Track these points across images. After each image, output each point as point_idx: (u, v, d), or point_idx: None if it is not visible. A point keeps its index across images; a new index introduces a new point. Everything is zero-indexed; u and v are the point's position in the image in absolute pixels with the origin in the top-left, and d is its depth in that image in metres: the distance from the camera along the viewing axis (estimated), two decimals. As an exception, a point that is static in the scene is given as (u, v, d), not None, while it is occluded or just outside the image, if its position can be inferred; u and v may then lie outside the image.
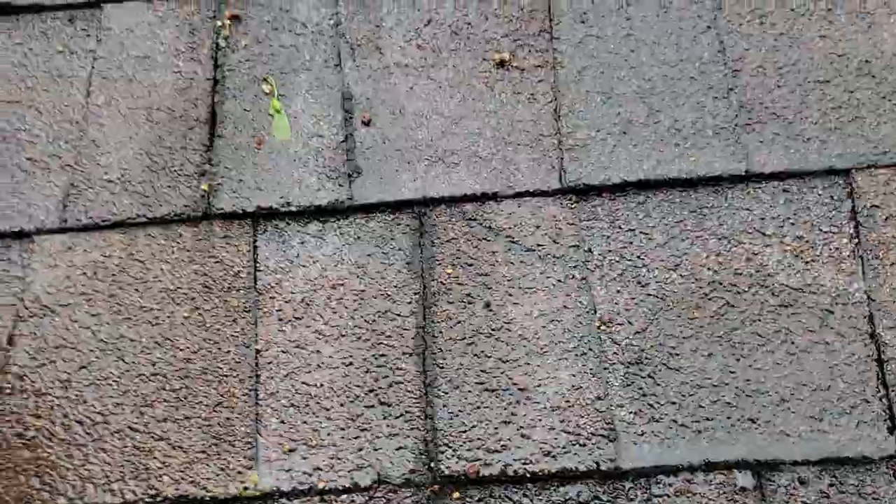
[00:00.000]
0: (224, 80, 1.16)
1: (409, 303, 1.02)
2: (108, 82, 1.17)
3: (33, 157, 1.14)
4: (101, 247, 1.08)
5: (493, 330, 0.99)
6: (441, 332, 1.00)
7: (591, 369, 0.96)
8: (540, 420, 0.94)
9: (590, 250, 1.02)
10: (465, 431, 0.95)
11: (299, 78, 1.15)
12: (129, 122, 1.14)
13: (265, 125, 1.12)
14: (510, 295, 1.01)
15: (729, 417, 0.92)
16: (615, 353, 0.97)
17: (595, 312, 0.99)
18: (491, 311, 1.00)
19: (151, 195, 1.09)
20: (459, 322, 1.00)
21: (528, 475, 0.92)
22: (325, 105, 1.13)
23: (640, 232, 1.02)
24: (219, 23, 1.19)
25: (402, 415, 0.96)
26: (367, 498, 0.93)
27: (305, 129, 1.11)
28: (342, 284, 1.04)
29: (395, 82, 1.14)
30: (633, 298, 0.99)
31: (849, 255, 0.98)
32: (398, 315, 1.01)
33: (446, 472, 0.93)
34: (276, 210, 1.07)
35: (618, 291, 0.99)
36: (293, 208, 1.07)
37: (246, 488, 0.94)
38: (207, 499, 0.94)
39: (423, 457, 0.94)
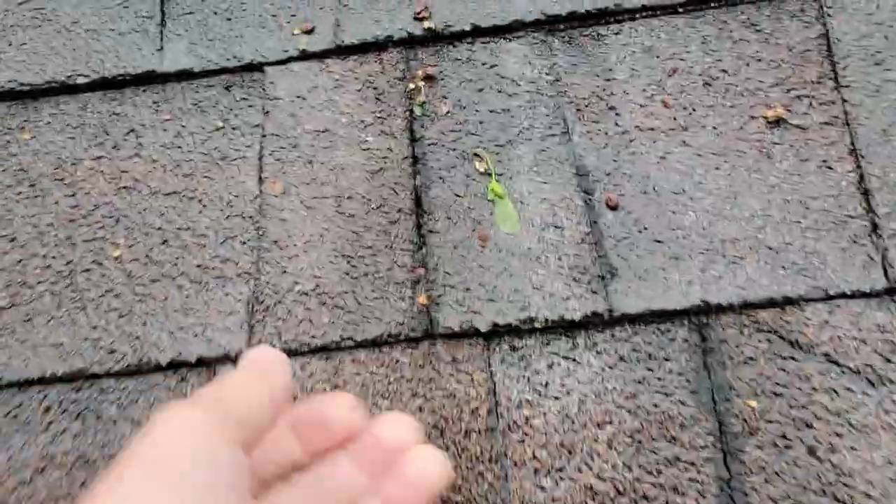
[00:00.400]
0: (426, 158, 0.95)
1: (705, 446, 0.80)
2: (284, 165, 0.97)
3: (203, 263, 0.94)
4: (300, 378, 0.88)
5: (824, 485, 0.77)
6: (754, 490, 0.77)
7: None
8: None
9: (933, 369, 0.78)
10: None
11: (518, 151, 0.93)
12: (316, 216, 0.94)
13: (486, 215, 0.91)
14: (839, 436, 0.78)
15: None
16: None
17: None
18: (817, 458, 0.78)
19: (356, 310, 0.89)
20: (777, 475, 0.77)
21: None
22: (558, 185, 0.91)
23: None
24: (411, 85, 0.98)
25: None
26: None
27: (537, 217, 0.90)
28: (609, 422, 0.82)
29: (639, 151, 0.91)
30: None
31: None
32: (691, 464, 0.79)
33: None
34: (515, 327, 0.86)
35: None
36: (537, 324, 0.86)
37: None
38: None
39: None
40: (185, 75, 1.03)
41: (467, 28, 0.99)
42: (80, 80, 1.04)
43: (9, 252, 0.97)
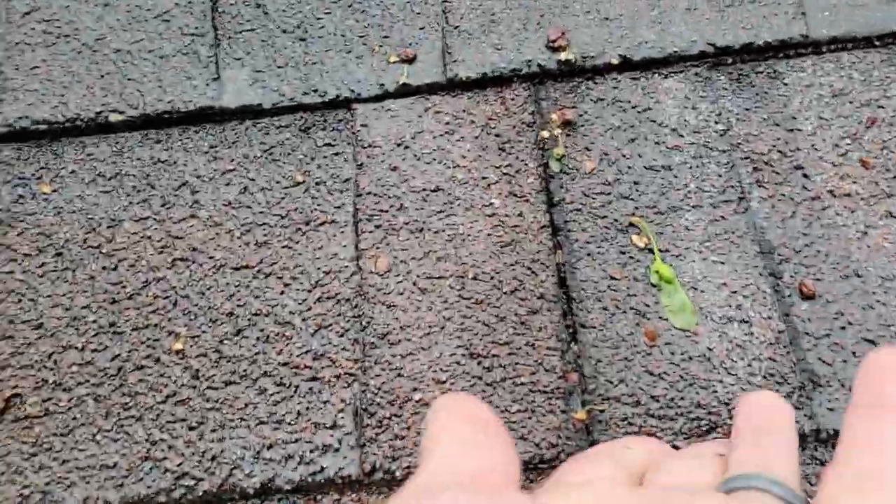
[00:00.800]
0: (568, 228, 0.77)
1: None
2: (387, 234, 0.78)
3: (290, 360, 0.75)
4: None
5: None
6: None
7: None
8: None
9: None
10: None
11: (685, 220, 0.75)
12: (434, 301, 0.75)
13: (651, 304, 0.73)
14: None
15: None
16: None
17: None
18: None
19: (496, 428, 0.72)
20: None
21: None
22: (738, 266, 0.74)
23: None
24: (544, 132, 0.79)
25: None
26: None
27: (715, 309, 0.73)
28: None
29: (835, 223, 0.75)
30: None
31: None
32: None
33: None
34: (700, 451, 0.70)
35: None
36: (727, 447, 0.70)
37: None
38: None
39: None
40: (250, 112, 0.82)
41: (614, 60, 0.79)
42: (114, 118, 0.82)
43: (35, 343, 0.76)
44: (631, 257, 0.75)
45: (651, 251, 0.74)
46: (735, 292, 0.73)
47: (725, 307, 0.72)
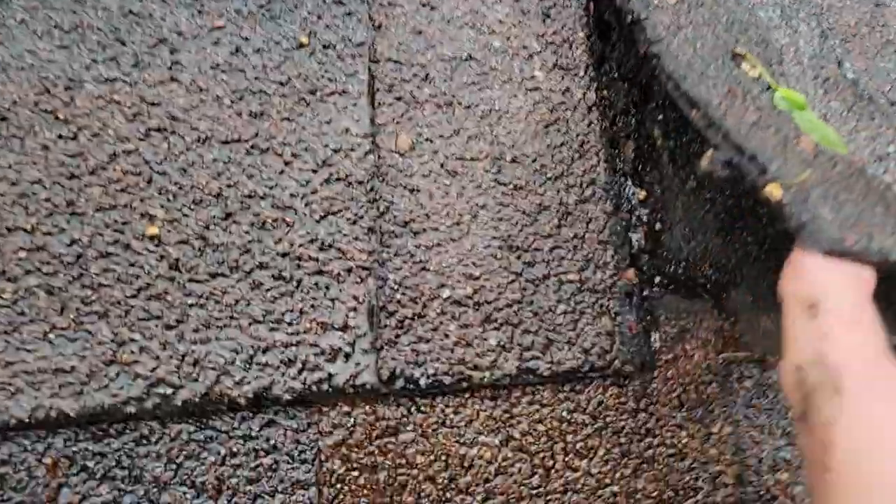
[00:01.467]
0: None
1: None
2: (409, 107, 0.65)
3: (292, 250, 0.63)
4: (453, 424, 0.60)
5: None
6: None
7: None
8: None
9: None
10: None
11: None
12: (466, 186, 0.63)
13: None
14: None
15: None
16: None
17: None
18: None
19: (537, 330, 0.61)
20: None
21: None
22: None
23: None
24: (595, -3, 0.68)
25: None
26: None
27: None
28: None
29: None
30: None
31: None
32: None
33: None
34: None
35: None
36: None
37: None
38: None
39: None
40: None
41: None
42: (75, -43, 0.67)
43: (-28, 223, 0.62)
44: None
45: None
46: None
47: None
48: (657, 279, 0.63)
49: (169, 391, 0.59)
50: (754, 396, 0.60)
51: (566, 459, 0.59)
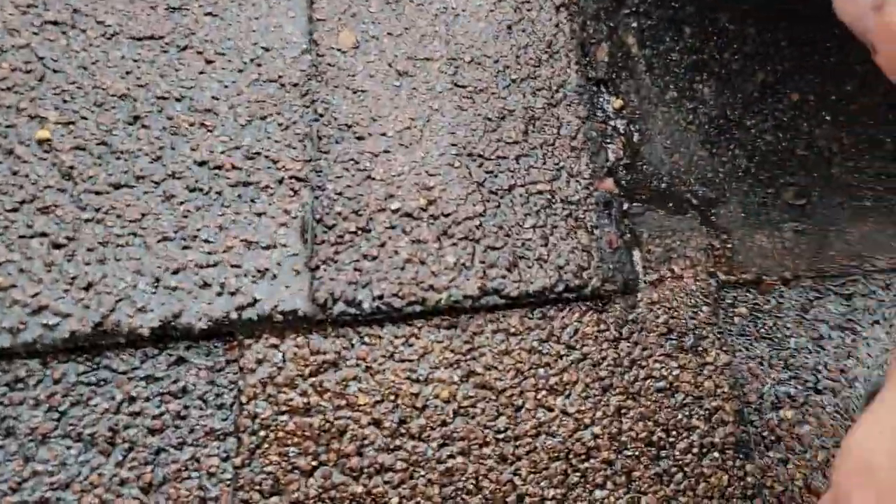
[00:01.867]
0: None
1: None
2: (353, 3, 0.57)
3: (212, 158, 0.52)
4: (403, 354, 0.50)
5: None
6: None
7: None
8: None
9: None
10: None
11: None
12: (416, 86, 0.55)
13: (704, 99, 0.56)
14: None
15: None
16: None
17: None
18: None
19: (503, 246, 0.52)
20: None
21: None
22: None
23: None
24: None
25: None
26: None
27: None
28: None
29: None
30: None
31: None
32: None
33: None
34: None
35: None
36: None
37: None
38: None
39: None
40: None
41: None
42: None
43: None
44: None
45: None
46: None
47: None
48: (638, 194, 0.55)
49: (53, 321, 0.48)
50: (751, 323, 0.52)
51: (538, 397, 0.49)
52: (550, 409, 0.49)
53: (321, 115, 0.54)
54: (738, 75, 0.58)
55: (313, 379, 0.49)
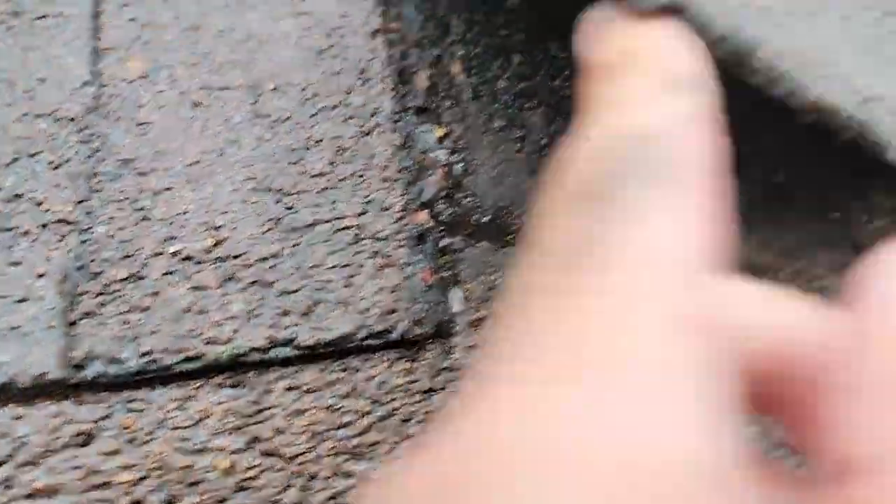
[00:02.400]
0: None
1: None
2: (144, 28, 0.52)
3: (-36, 200, 0.46)
4: (165, 417, 0.43)
5: None
6: None
7: None
8: None
9: None
10: None
11: None
12: (210, 117, 0.49)
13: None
14: None
15: None
16: None
17: None
18: None
19: (298, 290, 0.46)
20: None
21: None
22: None
23: None
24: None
25: None
26: None
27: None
28: None
29: None
30: None
31: None
32: None
33: None
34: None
35: None
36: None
37: None
38: None
39: None
40: None
41: None
42: None
43: None
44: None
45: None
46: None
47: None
48: (459, 229, 0.50)
49: None
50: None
51: (336, 463, 0.42)
52: (349, 476, 0.42)
53: (97, 151, 0.48)
54: (567, 102, 0.55)
55: (64, 454, 0.41)
